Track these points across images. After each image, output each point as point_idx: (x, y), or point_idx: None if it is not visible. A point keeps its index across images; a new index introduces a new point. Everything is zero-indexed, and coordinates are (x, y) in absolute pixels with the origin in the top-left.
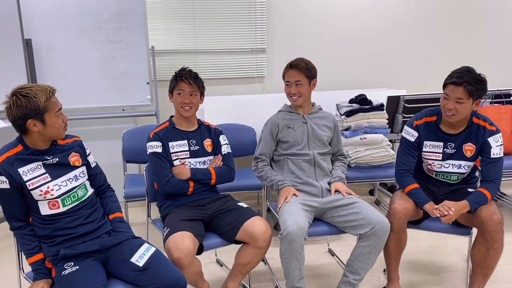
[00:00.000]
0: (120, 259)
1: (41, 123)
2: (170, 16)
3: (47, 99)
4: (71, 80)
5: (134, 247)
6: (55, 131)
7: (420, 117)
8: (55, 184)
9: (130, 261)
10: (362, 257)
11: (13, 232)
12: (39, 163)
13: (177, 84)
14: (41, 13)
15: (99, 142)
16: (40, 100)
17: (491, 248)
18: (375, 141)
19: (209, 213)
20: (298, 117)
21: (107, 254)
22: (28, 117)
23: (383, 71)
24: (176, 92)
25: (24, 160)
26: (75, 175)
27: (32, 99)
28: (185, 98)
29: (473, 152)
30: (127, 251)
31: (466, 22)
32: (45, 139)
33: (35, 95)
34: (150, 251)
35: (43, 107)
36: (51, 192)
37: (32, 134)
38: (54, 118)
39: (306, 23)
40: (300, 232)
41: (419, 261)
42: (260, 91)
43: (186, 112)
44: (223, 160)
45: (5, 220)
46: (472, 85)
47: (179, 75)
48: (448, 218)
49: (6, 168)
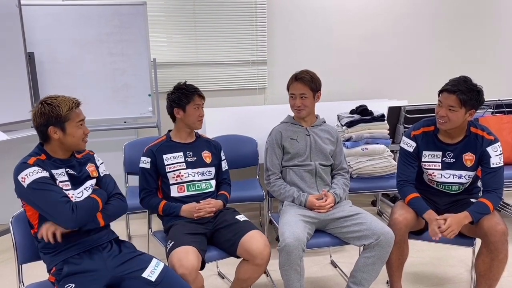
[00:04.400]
0: (131, 276)
1: (62, 131)
2: (171, 28)
3: (69, 109)
4: (73, 92)
5: (143, 263)
6: (75, 140)
7: (418, 127)
8: (72, 194)
9: (142, 277)
10: (366, 268)
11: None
12: (63, 170)
13: (193, 99)
14: (43, 27)
15: (101, 154)
16: (63, 109)
17: (495, 259)
18: (377, 152)
19: (211, 228)
20: (301, 129)
21: (114, 274)
22: (50, 124)
23: (384, 82)
24: (192, 107)
25: (52, 165)
26: (91, 184)
27: (55, 108)
28: (201, 111)
29: (473, 161)
30: (137, 268)
31: (469, 32)
32: (65, 148)
33: (58, 104)
34: (160, 266)
35: (65, 116)
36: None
37: (52, 141)
38: (74, 128)
39: (307, 34)
40: (298, 243)
41: (422, 273)
42: (261, 103)
43: (201, 125)
44: (224, 175)
45: (5, 233)
46: (465, 94)
47: (191, 89)
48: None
49: (41, 165)
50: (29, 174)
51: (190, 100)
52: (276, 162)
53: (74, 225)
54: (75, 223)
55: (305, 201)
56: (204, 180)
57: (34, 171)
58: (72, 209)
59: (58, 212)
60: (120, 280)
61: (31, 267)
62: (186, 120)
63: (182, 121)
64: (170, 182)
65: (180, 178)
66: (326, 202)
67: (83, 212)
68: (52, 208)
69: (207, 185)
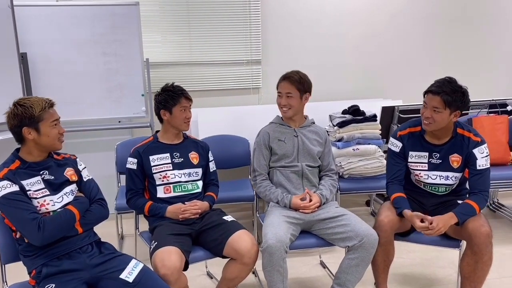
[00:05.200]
0: (109, 276)
1: (36, 132)
2: (165, 28)
3: (42, 109)
4: (67, 92)
5: (122, 264)
6: (50, 140)
7: (404, 128)
8: (50, 199)
9: (119, 278)
10: (350, 270)
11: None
12: (39, 178)
13: (179, 101)
14: (36, 27)
15: (95, 154)
16: (35, 110)
17: (479, 261)
18: (368, 152)
19: (196, 228)
20: (289, 130)
21: (93, 274)
22: (24, 125)
23: (378, 82)
24: (178, 109)
25: (25, 174)
26: (71, 190)
27: (28, 109)
28: (188, 113)
29: (460, 163)
30: (115, 268)
31: (465, 32)
32: (41, 148)
33: (31, 105)
34: (138, 267)
35: (38, 116)
36: (46, 206)
37: (28, 142)
38: (48, 128)
39: (301, 34)
40: (280, 245)
41: (411, 274)
42: (255, 102)
43: (188, 126)
44: (211, 176)
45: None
46: (449, 96)
47: (178, 91)
48: (430, 233)
49: (11, 178)
50: None
51: (176, 102)
52: (263, 163)
53: (41, 242)
54: (42, 240)
55: (289, 203)
56: (191, 181)
57: (3, 186)
58: (39, 227)
59: (25, 230)
60: (98, 279)
61: (15, 266)
62: (172, 122)
63: (168, 122)
64: (157, 183)
65: (167, 179)
66: (310, 202)
67: (52, 229)
68: (19, 225)
69: (193, 186)
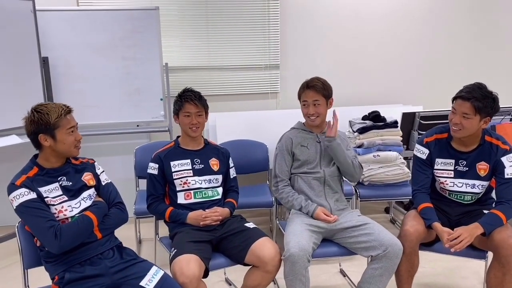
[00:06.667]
0: (129, 283)
1: (52, 139)
2: (184, 33)
3: (58, 116)
4: (87, 96)
5: (143, 271)
6: (66, 147)
7: (431, 134)
8: (69, 205)
9: (139, 285)
10: (373, 280)
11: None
12: (56, 184)
13: (183, 106)
14: (58, 31)
15: (114, 157)
16: (52, 117)
17: (507, 273)
18: (389, 159)
19: (217, 235)
20: (312, 136)
21: (114, 280)
22: (40, 132)
23: (399, 87)
24: (182, 114)
25: (43, 181)
26: (89, 195)
27: (44, 116)
28: (192, 119)
29: (487, 171)
30: (136, 275)
31: (487, 38)
32: (57, 155)
33: (48, 112)
34: (159, 274)
35: (54, 124)
36: (64, 212)
37: (45, 149)
38: (64, 135)
39: (320, 38)
40: (302, 254)
41: (433, 284)
42: (274, 107)
43: (194, 132)
44: (232, 183)
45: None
46: (480, 102)
47: (183, 96)
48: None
49: (29, 185)
50: (16, 197)
51: (180, 108)
52: (285, 168)
53: (58, 250)
54: (59, 248)
55: (313, 212)
56: (211, 187)
57: (21, 194)
58: (55, 235)
59: (43, 238)
60: (119, 286)
61: (38, 271)
62: (181, 127)
63: (180, 127)
64: (177, 189)
65: (187, 185)
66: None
67: (69, 236)
68: (37, 233)
69: (214, 192)
